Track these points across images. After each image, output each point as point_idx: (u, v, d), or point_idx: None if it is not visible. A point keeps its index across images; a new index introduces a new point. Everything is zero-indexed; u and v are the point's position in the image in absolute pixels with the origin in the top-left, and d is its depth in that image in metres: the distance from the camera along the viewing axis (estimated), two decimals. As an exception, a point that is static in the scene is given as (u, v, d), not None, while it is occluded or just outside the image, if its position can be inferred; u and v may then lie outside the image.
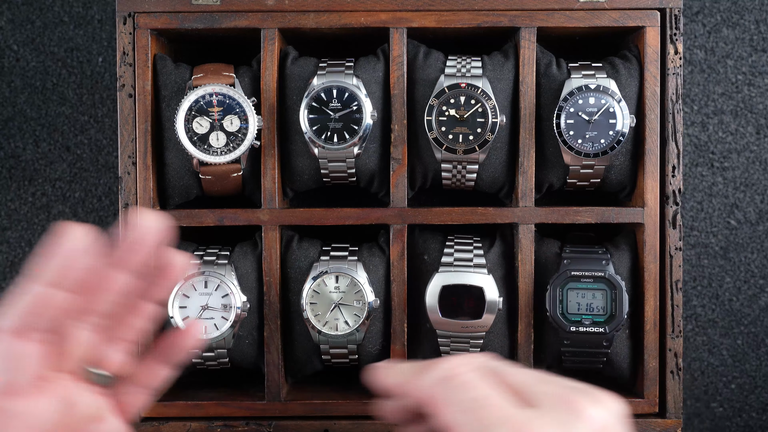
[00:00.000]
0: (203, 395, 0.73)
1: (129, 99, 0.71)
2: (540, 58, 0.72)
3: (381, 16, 0.71)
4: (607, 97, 0.69)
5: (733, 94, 0.85)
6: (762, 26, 0.85)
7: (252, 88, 0.72)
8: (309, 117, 0.69)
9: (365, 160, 0.73)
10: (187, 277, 0.69)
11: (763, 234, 0.86)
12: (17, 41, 0.86)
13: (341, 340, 0.71)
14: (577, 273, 0.70)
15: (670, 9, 0.71)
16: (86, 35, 0.86)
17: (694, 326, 0.87)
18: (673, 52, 0.71)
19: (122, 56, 0.71)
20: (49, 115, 0.87)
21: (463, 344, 0.72)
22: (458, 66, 0.71)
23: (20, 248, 0.87)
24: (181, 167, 0.73)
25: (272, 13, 0.71)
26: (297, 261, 0.73)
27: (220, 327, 0.69)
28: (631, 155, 0.72)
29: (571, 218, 0.71)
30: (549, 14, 0.71)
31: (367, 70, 0.72)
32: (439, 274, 0.70)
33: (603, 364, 0.73)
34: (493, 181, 0.74)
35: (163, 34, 0.73)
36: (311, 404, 0.72)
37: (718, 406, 0.88)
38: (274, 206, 0.71)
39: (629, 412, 0.71)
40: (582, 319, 0.69)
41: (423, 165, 0.73)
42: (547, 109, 0.72)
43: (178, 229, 0.77)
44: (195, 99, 0.69)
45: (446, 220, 0.72)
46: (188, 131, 0.69)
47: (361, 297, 0.70)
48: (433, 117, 0.70)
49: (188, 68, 0.73)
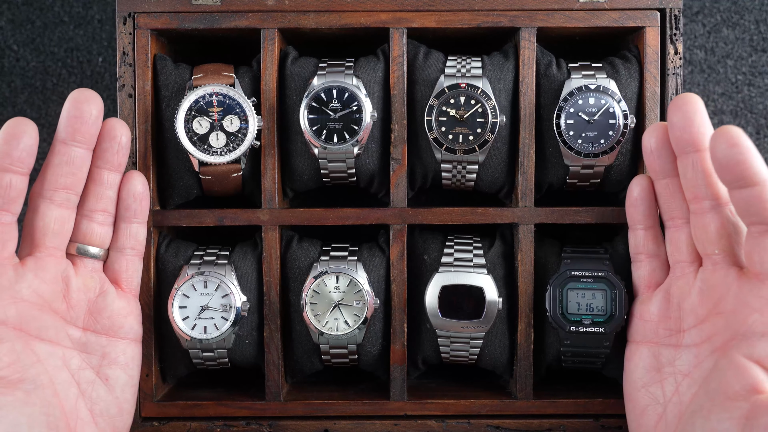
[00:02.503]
0: (203, 395, 0.73)
1: (129, 99, 0.71)
2: (540, 59, 0.72)
3: (381, 16, 0.71)
4: (607, 97, 0.69)
5: (733, 94, 0.85)
6: (762, 26, 0.85)
7: (252, 88, 0.72)
8: (309, 117, 0.69)
9: (365, 160, 0.73)
10: (187, 277, 0.69)
11: (763, 234, 0.86)
12: (17, 41, 0.86)
13: (341, 340, 0.71)
14: (577, 273, 0.70)
15: (670, 9, 0.71)
16: (86, 35, 0.86)
17: (694, 326, 0.87)
18: (673, 52, 0.71)
19: (122, 56, 0.71)
20: (49, 115, 0.87)
21: (463, 344, 0.72)
22: (458, 66, 0.71)
23: (20, 248, 0.87)
24: (181, 167, 0.73)
25: (272, 13, 0.71)
26: (297, 261, 0.73)
27: (220, 327, 0.69)
28: (631, 155, 0.72)
29: (571, 218, 0.72)
30: (549, 14, 0.71)
31: (367, 70, 0.72)
32: (439, 274, 0.70)
33: (603, 364, 0.73)
34: (493, 182, 0.74)
35: (163, 34, 0.73)
36: (311, 404, 0.72)
37: (718, 406, 0.88)
38: (274, 206, 0.71)
39: (629, 412, 0.71)
40: (582, 319, 0.69)
41: (423, 165, 0.73)
42: (547, 109, 0.72)
43: (178, 230, 0.77)
44: (195, 99, 0.69)
45: (446, 220, 0.72)
46: (188, 131, 0.69)
47: (361, 297, 0.70)
48: (433, 117, 0.70)
49: (188, 68, 0.73)
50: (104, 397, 0.60)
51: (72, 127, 0.59)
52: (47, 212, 0.60)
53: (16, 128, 0.57)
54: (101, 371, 0.61)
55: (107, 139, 0.61)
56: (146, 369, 0.71)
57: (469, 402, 0.72)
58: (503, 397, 0.73)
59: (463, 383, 0.77)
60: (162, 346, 0.73)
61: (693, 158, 0.57)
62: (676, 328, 0.58)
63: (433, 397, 0.73)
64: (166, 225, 0.72)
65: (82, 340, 0.60)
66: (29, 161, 0.57)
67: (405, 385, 0.72)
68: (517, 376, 0.72)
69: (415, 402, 0.72)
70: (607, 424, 0.71)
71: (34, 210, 0.60)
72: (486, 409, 0.72)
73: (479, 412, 0.72)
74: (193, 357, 0.72)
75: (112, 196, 0.63)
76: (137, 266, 0.65)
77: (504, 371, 0.74)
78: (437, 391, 0.75)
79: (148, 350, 0.71)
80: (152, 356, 0.71)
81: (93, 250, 0.62)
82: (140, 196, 0.65)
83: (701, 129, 0.56)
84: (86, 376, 0.60)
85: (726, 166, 0.51)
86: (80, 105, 0.59)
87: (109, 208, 0.63)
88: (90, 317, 0.60)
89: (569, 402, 0.71)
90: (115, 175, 0.63)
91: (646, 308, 0.60)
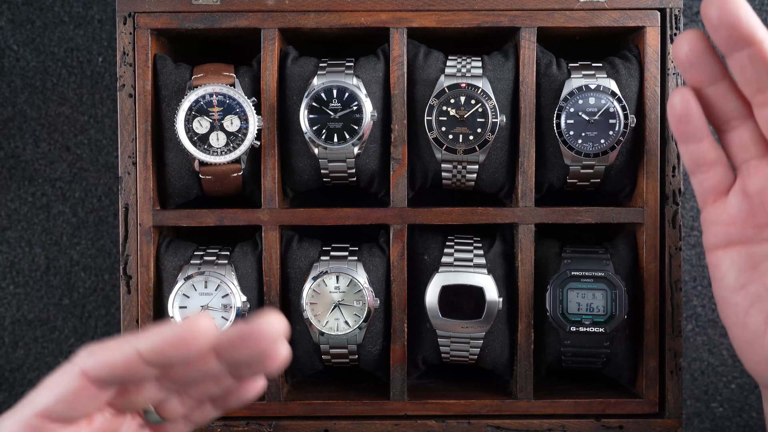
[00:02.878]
0: (203, 395, 0.73)
1: (129, 99, 0.71)
2: (540, 58, 0.72)
3: (381, 16, 0.71)
4: (607, 97, 0.69)
5: (733, 94, 0.85)
6: (762, 26, 0.85)
7: (252, 88, 0.72)
8: (309, 117, 0.69)
9: (365, 160, 0.73)
10: (187, 277, 0.69)
11: (763, 234, 0.86)
12: (17, 41, 0.86)
13: (341, 340, 0.71)
14: (577, 273, 0.70)
15: (670, 9, 0.71)
16: (86, 35, 0.86)
17: (694, 326, 0.87)
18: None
19: (122, 56, 0.71)
20: (49, 115, 0.87)
21: (463, 344, 0.72)
22: (458, 66, 0.71)
23: (20, 248, 0.87)
24: (181, 167, 0.73)
25: (272, 13, 0.71)
26: (297, 261, 0.73)
27: (220, 327, 0.69)
28: (631, 155, 0.72)
29: (571, 218, 0.71)
30: (549, 14, 0.71)
31: (367, 70, 0.72)
32: (439, 274, 0.70)
33: (603, 364, 0.73)
34: (493, 181, 0.74)
35: (163, 34, 0.73)
36: (311, 404, 0.72)
37: (718, 406, 0.88)
38: (274, 206, 0.71)
39: (629, 412, 0.71)
40: (582, 319, 0.69)
41: (423, 165, 0.73)
42: (547, 109, 0.72)
43: (178, 230, 0.77)
44: (195, 99, 0.69)
45: (446, 220, 0.72)
46: (188, 131, 0.69)
47: (361, 297, 0.70)
48: (433, 117, 0.70)
49: (188, 68, 0.73)
50: None
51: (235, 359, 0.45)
52: (148, 394, 0.49)
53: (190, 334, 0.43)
54: None
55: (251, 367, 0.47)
56: (146, 369, 0.71)
57: (469, 402, 0.72)
58: (503, 397, 0.73)
59: (463, 383, 0.77)
60: (162, 346, 0.73)
61: (749, 52, 0.52)
62: (765, 222, 0.55)
63: (433, 397, 0.72)
64: (166, 225, 0.72)
65: None
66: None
67: (405, 385, 0.72)
68: (517, 376, 0.72)
69: (415, 402, 0.72)
70: (607, 424, 0.71)
71: (139, 386, 0.48)
72: (486, 409, 0.72)
73: (479, 412, 0.72)
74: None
75: (214, 393, 0.51)
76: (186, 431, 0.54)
77: (504, 371, 0.74)
78: (437, 391, 0.75)
79: (148, 350, 0.71)
80: (152, 356, 0.71)
81: (155, 418, 0.51)
82: (244, 401, 0.52)
83: (751, 21, 0.53)
84: None
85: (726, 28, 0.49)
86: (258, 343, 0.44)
87: (202, 399, 0.51)
88: None
89: (569, 402, 0.71)
90: (232, 381, 0.49)
91: (724, 212, 0.57)
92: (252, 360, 0.45)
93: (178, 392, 0.49)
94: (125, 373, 0.44)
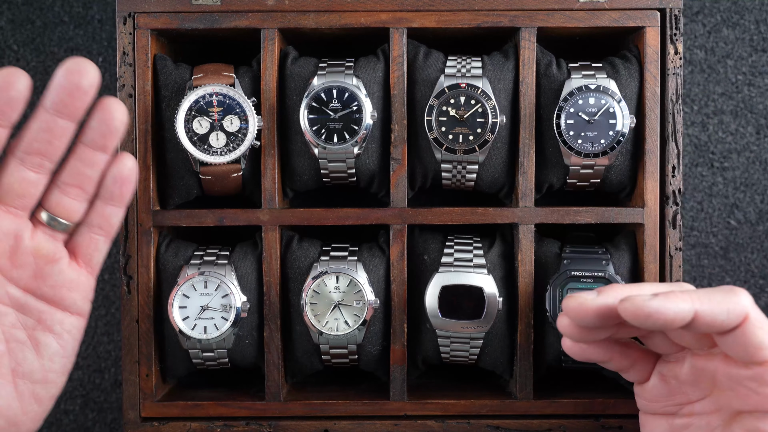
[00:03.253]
0: (203, 395, 0.73)
1: (129, 99, 0.71)
2: (540, 58, 0.72)
3: (381, 16, 0.71)
4: (607, 97, 0.69)
5: (733, 94, 0.85)
6: (762, 26, 0.85)
7: (252, 88, 0.72)
8: (309, 117, 0.69)
9: (365, 160, 0.73)
10: (187, 277, 0.69)
11: (763, 234, 0.86)
12: (17, 41, 0.86)
13: (341, 340, 0.71)
14: (577, 273, 0.70)
15: (670, 9, 0.71)
16: (86, 35, 0.86)
17: (694, 326, 0.87)
18: (673, 52, 0.71)
19: (122, 56, 0.71)
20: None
21: (463, 344, 0.72)
22: (458, 66, 0.71)
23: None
24: (181, 167, 0.73)
25: (272, 13, 0.71)
26: (297, 261, 0.73)
27: (220, 327, 0.69)
28: (631, 155, 0.72)
29: (571, 218, 0.72)
30: (549, 14, 0.71)
31: (367, 70, 0.72)
32: (439, 274, 0.70)
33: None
34: (493, 182, 0.74)
35: (163, 34, 0.73)
36: (311, 404, 0.72)
37: (718, 406, 0.88)
38: (274, 206, 0.71)
39: (629, 412, 0.71)
40: (582, 319, 0.69)
41: (423, 165, 0.73)
42: (547, 109, 0.72)
43: (178, 230, 0.77)
44: (195, 99, 0.69)
45: (446, 220, 0.72)
46: (188, 131, 0.69)
47: (361, 297, 0.70)
48: (433, 117, 0.70)
49: (188, 68, 0.73)
50: (31, 361, 0.59)
51: (58, 99, 0.55)
52: (14, 172, 0.57)
53: (4, 79, 0.53)
54: (33, 335, 0.59)
55: (98, 119, 0.57)
56: (146, 369, 0.71)
57: (469, 402, 0.72)
58: (503, 397, 0.73)
59: (463, 383, 0.77)
60: (162, 346, 0.73)
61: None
62: (684, 401, 0.59)
63: (433, 397, 0.73)
64: (166, 225, 0.72)
65: (20, 301, 0.58)
66: (11, 115, 0.54)
67: (405, 385, 0.72)
68: (517, 376, 0.72)
69: (415, 402, 0.72)
70: (607, 424, 0.71)
71: (4, 166, 0.57)
72: (486, 409, 0.72)
73: (479, 412, 0.72)
74: (193, 357, 0.72)
75: (92, 175, 0.59)
76: (102, 246, 0.62)
77: (504, 371, 0.74)
78: (437, 391, 0.75)
79: (148, 350, 0.71)
80: (152, 356, 0.71)
81: (61, 223, 0.59)
82: (123, 181, 0.60)
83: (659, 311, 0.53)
84: (17, 335, 0.58)
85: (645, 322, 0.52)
86: (71, 76, 0.54)
87: (85, 185, 0.59)
88: (34, 281, 0.58)
89: (569, 402, 0.71)
90: (99, 155, 0.58)
91: (647, 392, 0.62)
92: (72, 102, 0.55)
93: (59, 188, 0.58)
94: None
